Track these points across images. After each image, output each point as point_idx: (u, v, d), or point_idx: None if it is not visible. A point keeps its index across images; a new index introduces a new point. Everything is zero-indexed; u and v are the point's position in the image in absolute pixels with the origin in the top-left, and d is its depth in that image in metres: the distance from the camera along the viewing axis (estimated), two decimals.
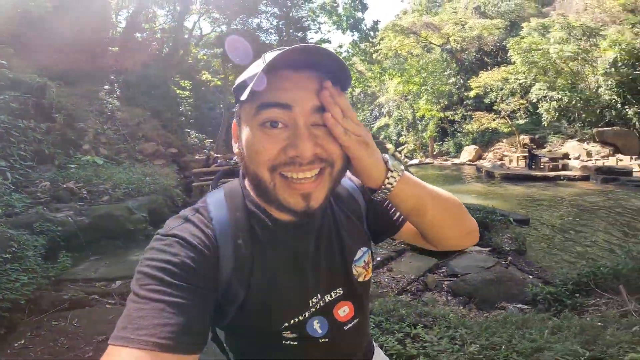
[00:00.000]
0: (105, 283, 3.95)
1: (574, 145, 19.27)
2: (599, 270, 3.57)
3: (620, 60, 18.41)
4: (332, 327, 0.67)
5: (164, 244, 0.54)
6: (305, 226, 0.65)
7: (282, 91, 0.53)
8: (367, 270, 0.72)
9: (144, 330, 0.46)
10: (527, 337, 2.17)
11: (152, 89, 13.98)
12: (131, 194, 6.57)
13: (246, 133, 0.56)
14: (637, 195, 11.40)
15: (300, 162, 0.53)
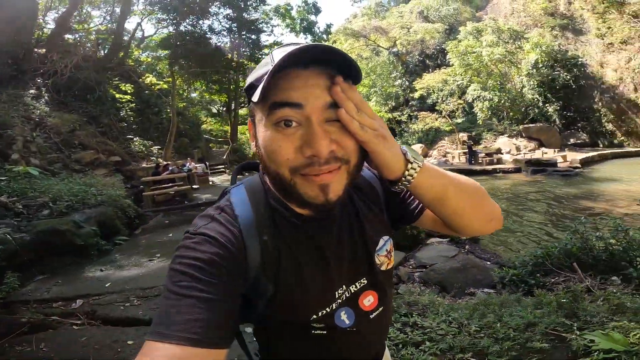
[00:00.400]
0: (63, 303, 3.61)
1: (504, 141, 21.30)
2: (551, 251, 3.93)
3: (540, 62, 20.82)
4: (358, 317, 0.68)
5: (193, 242, 0.55)
6: (327, 219, 0.65)
7: (292, 90, 0.53)
8: (389, 259, 0.73)
9: (177, 326, 0.47)
10: (514, 314, 2.32)
11: (87, 92, 12.78)
12: (75, 207, 5.97)
13: (262, 133, 0.57)
14: (563, 184, 12.94)
15: (319, 162, 0.54)
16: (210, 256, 0.53)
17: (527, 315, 2.23)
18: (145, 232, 6.89)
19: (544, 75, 21.21)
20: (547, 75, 21.25)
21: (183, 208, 9.00)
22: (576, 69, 21.08)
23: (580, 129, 21.32)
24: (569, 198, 10.67)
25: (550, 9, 23.11)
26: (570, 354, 1.86)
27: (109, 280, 4.17)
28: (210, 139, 23.65)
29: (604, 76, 20.25)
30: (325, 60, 0.53)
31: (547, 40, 21.27)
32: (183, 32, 15.27)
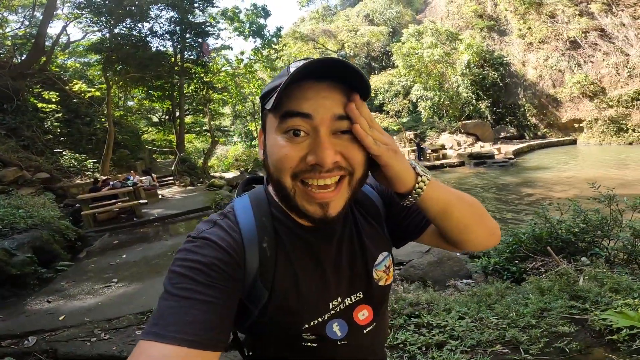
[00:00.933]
0: (13, 341, 3.13)
1: (447, 137, 22.77)
2: (521, 237, 4.08)
3: (472, 62, 22.61)
4: (351, 330, 0.68)
5: (195, 245, 0.56)
6: (327, 231, 0.67)
7: (304, 100, 0.55)
8: (387, 275, 0.73)
9: (174, 327, 0.48)
10: (519, 302, 2.31)
11: (3, 102, 11.11)
12: (3, 233, 5.24)
13: (271, 141, 0.59)
14: (502, 174, 14.10)
15: (320, 170, 0.55)
16: (211, 260, 0.54)
17: (536, 302, 2.23)
18: (91, 255, 6.11)
19: (476, 74, 23.08)
20: (478, 74, 23.17)
21: (133, 225, 8.10)
22: (502, 67, 23.26)
23: (509, 123, 23.52)
24: (510, 186, 11.62)
25: (480, 11, 25.20)
26: (594, 334, 1.87)
27: (61, 313, 3.69)
28: (154, 150, 21.96)
29: (525, 74, 22.55)
30: (339, 75, 0.55)
31: (477, 41, 23.14)
32: (118, 35, 13.91)
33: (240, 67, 19.21)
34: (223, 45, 17.17)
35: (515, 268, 3.67)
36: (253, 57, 18.30)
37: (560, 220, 3.99)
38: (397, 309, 2.62)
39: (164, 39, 15.76)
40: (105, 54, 13.18)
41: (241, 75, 19.44)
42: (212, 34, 16.30)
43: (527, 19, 22.27)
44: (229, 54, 22.47)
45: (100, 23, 13.61)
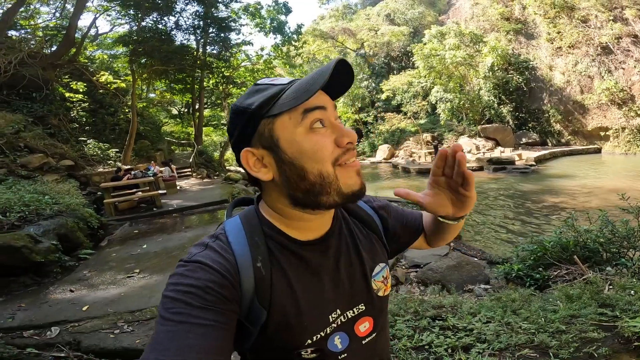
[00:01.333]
0: (36, 332, 3.04)
1: (465, 140, 22.32)
2: (547, 245, 4.01)
3: (496, 65, 22.08)
4: (351, 342, 0.69)
5: (187, 269, 0.56)
6: (323, 245, 0.68)
7: (314, 98, 0.59)
8: (386, 285, 0.76)
9: (172, 352, 0.48)
10: (549, 308, 2.27)
11: (33, 91, 11.51)
12: (29, 219, 5.26)
13: (295, 142, 0.60)
14: (522, 180, 13.74)
15: (353, 147, 0.62)
16: (205, 283, 0.54)
17: (565, 309, 2.18)
18: (112, 243, 6.16)
19: (499, 77, 22.53)
20: (502, 78, 22.61)
21: (153, 215, 8.27)
22: (527, 72, 22.60)
23: (531, 128, 22.87)
24: (530, 193, 11.31)
25: (507, 13, 24.55)
26: (622, 340, 1.83)
27: (84, 303, 3.61)
28: (173, 141, 22.40)
29: (552, 79, 21.83)
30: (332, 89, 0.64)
31: (502, 44, 22.58)
32: (145, 28, 14.20)
33: (259, 63, 19.35)
34: (244, 41, 17.23)
35: (539, 275, 3.61)
36: (272, 54, 18.39)
37: (587, 229, 3.94)
38: (420, 311, 2.59)
39: (188, 33, 16.00)
40: (132, 46, 13.47)
41: (260, 71, 19.57)
42: (234, 29, 16.45)
43: (557, 23, 21.53)
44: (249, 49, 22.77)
45: (129, 16, 13.92)
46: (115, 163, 12.63)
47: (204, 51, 16.62)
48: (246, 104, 0.62)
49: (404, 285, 4.53)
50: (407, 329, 2.33)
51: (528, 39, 23.56)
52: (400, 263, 5.40)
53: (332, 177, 0.60)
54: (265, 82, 0.64)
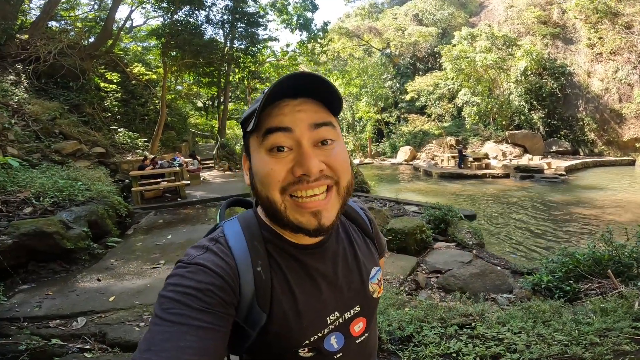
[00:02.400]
0: (62, 322, 3.01)
1: (491, 146, 21.69)
2: (580, 258, 3.86)
3: (529, 69, 21.29)
4: (346, 341, 0.70)
5: (188, 271, 0.56)
6: (320, 247, 0.69)
7: (282, 116, 0.58)
8: (379, 287, 0.78)
9: (167, 352, 0.47)
10: (582, 321, 2.19)
11: (70, 80, 12.03)
12: (61, 204, 5.34)
13: (256, 160, 0.61)
14: (551, 190, 13.22)
15: (308, 180, 0.57)
16: (205, 286, 0.54)
17: (599, 322, 2.10)
18: (138, 232, 6.28)
19: (532, 82, 21.71)
20: (535, 82, 21.77)
21: (177, 205, 8.50)
22: (563, 77, 21.68)
23: (563, 137, 21.96)
24: (559, 204, 10.87)
25: (544, 17, 23.63)
26: None
27: (111, 293, 3.60)
28: (197, 133, 22.92)
29: (589, 85, 20.86)
30: (310, 90, 0.59)
31: (537, 48, 21.75)
32: (177, 22, 14.59)
33: (284, 59, 19.48)
34: (270, 37, 17.38)
35: (569, 288, 3.49)
36: (298, 50, 18.47)
37: (622, 244, 3.82)
38: (446, 319, 2.55)
39: (217, 27, 16.35)
40: (164, 39, 13.86)
41: (284, 67, 19.70)
42: (261, 24, 16.62)
43: (599, 29, 20.52)
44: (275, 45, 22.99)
45: (162, 9, 14.31)
46: (143, 152, 13.07)
47: (232, 46, 16.91)
48: (243, 116, 0.66)
49: (424, 291, 4.46)
50: (434, 335, 2.29)
51: (566, 44, 22.58)
52: (421, 268, 5.32)
53: (279, 205, 0.59)
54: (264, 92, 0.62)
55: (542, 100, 22.15)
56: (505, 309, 3.08)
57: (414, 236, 5.89)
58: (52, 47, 11.42)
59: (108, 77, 14.22)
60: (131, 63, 16.28)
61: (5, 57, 10.82)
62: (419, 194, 12.96)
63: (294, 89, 0.59)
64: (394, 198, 9.68)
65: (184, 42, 13.67)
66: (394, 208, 8.92)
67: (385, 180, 18.22)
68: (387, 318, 2.55)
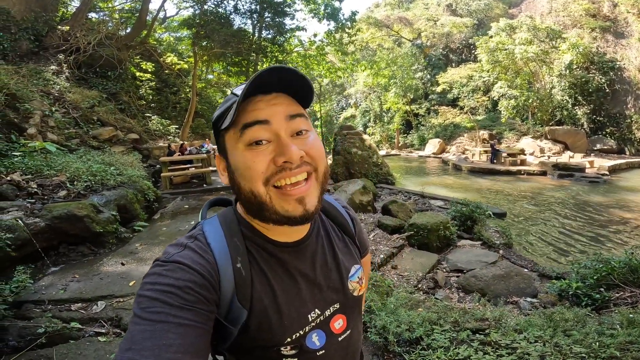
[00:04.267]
0: (83, 305, 3.09)
1: (528, 142, 20.53)
2: (616, 265, 3.60)
3: (575, 63, 19.83)
4: (328, 339, 0.70)
5: (166, 269, 0.56)
6: (300, 247, 0.69)
7: (258, 111, 0.60)
8: (360, 285, 0.78)
9: (149, 351, 0.47)
10: (606, 332, 2.03)
11: (108, 70, 12.60)
12: (94, 188, 5.55)
13: (235, 156, 0.62)
14: (591, 190, 12.36)
15: (290, 167, 0.59)
16: (184, 283, 0.54)
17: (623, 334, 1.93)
18: (164, 217, 6.46)
19: (577, 77, 20.23)
20: (581, 77, 20.26)
21: (202, 192, 8.75)
22: (612, 72, 20.02)
23: (608, 134, 20.39)
24: (598, 206, 10.15)
25: (593, 10, 21.92)
26: None
27: (132, 277, 3.66)
28: None
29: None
30: (286, 83, 0.61)
31: (585, 42, 20.20)
32: (207, 12, 14.82)
33: (311, 49, 19.34)
34: (298, 26, 17.25)
35: (598, 296, 3.25)
36: (325, 40, 18.24)
37: None
38: (461, 322, 2.44)
39: (245, 17, 16.41)
40: (195, 29, 14.16)
41: (312, 57, 19.57)
42: (289, 14, 16.55)
43: None
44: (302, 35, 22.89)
45: None
46: (174, 138, 13.56)
47: (260, 35, 16.97)
48: (214, 116, 0.66)
49: (442, 290, 4.33)
50: (444, 340, 2.20)
51: (617, 38, 20.80)
52: (442, 265, 5.17)
53: (264, 197, 0.60)
54: (233, 92, 0.64)
55: (588, 95, 20.60)
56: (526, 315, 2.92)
57: (436, 232, 5.71)
58: (92, 38, 11.97)
59: (143, 67, 14.79)
60: (164, 53, 16.81)
61: (47, 47, 11.44)
62: (446, 189, 12.55)
63: (268, 85, 0.60)
64: (419, 191, 9.44)
65: (213, 32, 13.88)
66: (418, 202, 8.71)
67: (411, 172, 17.80)
68: (396, 319, 2.48)
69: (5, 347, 2.46)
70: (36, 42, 11.37)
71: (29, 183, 5.19)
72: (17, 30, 10.91)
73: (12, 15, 10.87)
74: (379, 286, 3.30)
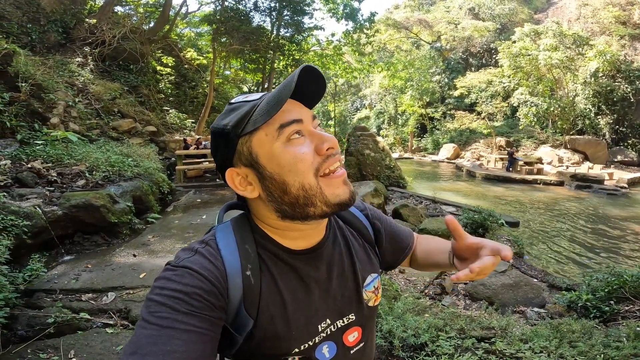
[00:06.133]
0: (93, 296, 3.12)
1: (547, 150, 20.04)
2: (628, 278, 3.53)
3: (601, 71, 19.25)
4: (339, 351, 0.69)
5: (175, 274, 0.56)
6: (316, 254, 0.68)
7: (289, 112, 0.60)
8: (376, 296, 0.76)
9: (154, 356, 0.47)
10: (612, 344, 2.00)
11: (131, 63, 12.89)
12: (111, 179, 5.66)
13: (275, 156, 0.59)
14: (609, 203, 12.01)
15: (334, 153, 0.61)
16: (192, 289, 0.54)
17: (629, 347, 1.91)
18: (177, 210, 6.57)
19: (602, 85, 19.63)
20: (606, 85, 19.65)
21: (215, 186, 8.89)
22: (639, 81, 19.36)
23: (631, 146, 19.73)
24: (615, 219, 9.86)
25: (624, 17, 21.27)
26: None
27: (142, 269, 3.66)
28: None
29: None
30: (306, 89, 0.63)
31: (613, 49, 19.58)
32: (227, 8, 15.00)
33: (329, 49, 19.35)
34: (316, 25, 17.27)
35: (607, 308, 3.20)
36: (343, 40, 18.21)
37: None
38: (466, 330, 2.44)
39: (264, 15, 16.50)
40: (215, 25, 14.35)
41: (328, 57, 19.58)
42: (307, 12, 16.59)
43: None
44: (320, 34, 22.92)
45: None
46: (190, 132, 13.79)
47: (278, 33, 17.08)
48: (222, 125, 0.63)
49: (449, 296, 4.31)
50: (449, 347, 2.20)
51: None
52: (450, 272, 5.13)
53: (315, 188, 0.60)
54: (239, 100, 0.64)
55: (612, 104, 19.96)
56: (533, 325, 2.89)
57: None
58: (117, 32, 12.25)
59: (164, 61, 15.07)
60: (185, 48, 17.09)
61: (74, 40, 11.77)
62: (458, 195, 12.40)
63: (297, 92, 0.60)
64: (431, 196, 9.35)
65: (233, 29, 14.02)
66: (430, 207, 8.64)
67: (424, 177, 17.63)
68: (402, 323, 2.49)
69: (13, 336, 2.49)
70: (64, 34, 11.72)
71: (49, 171, 5.33)
72: (46, 22, 11.27)
73: (42, 7, 11.23)
74: (387, 290, 3.31)
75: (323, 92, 0.65)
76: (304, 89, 0.62)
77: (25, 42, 10.06)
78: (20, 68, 7.02)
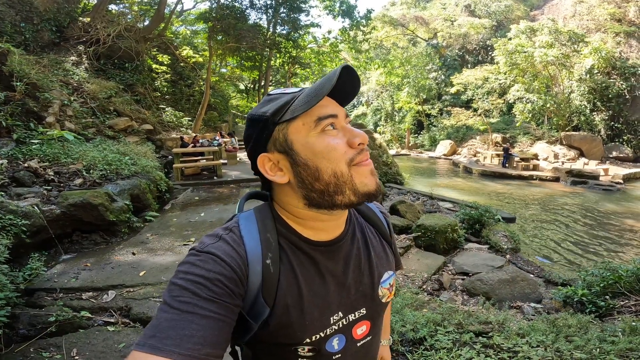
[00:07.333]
0: (94, 294, 3.11)
1: (543, 146, 20.16)
2: (623, 273, 3.59)
3: (597, 68, 19.35)
4: (347, 344, 0.70)
5: (199, 259, 0.57)
6: (335, 247, 0.69)
7: (326, 107, 0.63)
8: (390, 292, 0.77)
9: (172, 340, 0.48)
10: (608, 339, 2.05)
11: (126, 61, 12.82)
12: (109, 177, 5.64)
13: (310, 144, 0.62)
14: (604, 199, 12.12)
15: (365, 149, 0.64)
16: (214, 275, 0.55)
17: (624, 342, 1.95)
18: (175, 208, 6.56)
19: (597, 82, 19.75)
20: (601, 82, 19.78)
21: (213, 184, 8.88)
22: (634, 78, 19.48)
23: (626, 142, 19.88)
24: (610, 214, 9.97)
25: (619, 15, 21.37)
26: None
27: (142, 267, 3.67)
28: (237, 114, 23.60)
29: None
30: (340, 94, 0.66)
31: (608, 46, 19.69)
32: (223, 6, 14.92)
33: (325, 46, 19.32)
34: (312, 23, 17.25)
35: (603, 303, 3.26)
36: (339, 37, 18.19)
37: None
38: (464, 325, 2.47)
39: (260, 12, 16.48)
40: (211, 23, 14.27)
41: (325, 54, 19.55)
42: (304, 10, 16.53)
43: None
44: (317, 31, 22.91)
45: None
46: (186, 130, 13.74)
47: (274, 31, 17.04)
48: (261, 112, 0.65)
49: (446, 292, 4.35)
50: (447, 341, 2.23)
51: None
52: (448, 268, 5.18)
53: (346, 176, 0.61)
54: (278, 92, 0.67)
55: (607, 101, 20.09)
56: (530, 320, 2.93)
57: (444, 234, 5.72)
58: (111, 30, 12.16)
59: (159, 59, 14.98)
60: (180, 46, 16.99)
61: (68, 39, 11.68)
62: (455, 191, 12.46)
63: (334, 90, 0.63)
64: (428, 193, 9.40)
65: (229, 26, 13.97)
66: (427, 203, 8.69)
67: (421, 173, 17.69)
68: (401, 318, 2.52)
69: (15, 335, 2.49)
70: (58, 33, 11.63)
71: (46, 170, 5.32)
72: (40, 21, 11.16)
73: (35, 6, 11.12)
74: None
75: (356, 93, 0.67)
76: (341, 87, 0.64)
77: (19, 41, 9.98)
78: (14, 67, 6.97)
